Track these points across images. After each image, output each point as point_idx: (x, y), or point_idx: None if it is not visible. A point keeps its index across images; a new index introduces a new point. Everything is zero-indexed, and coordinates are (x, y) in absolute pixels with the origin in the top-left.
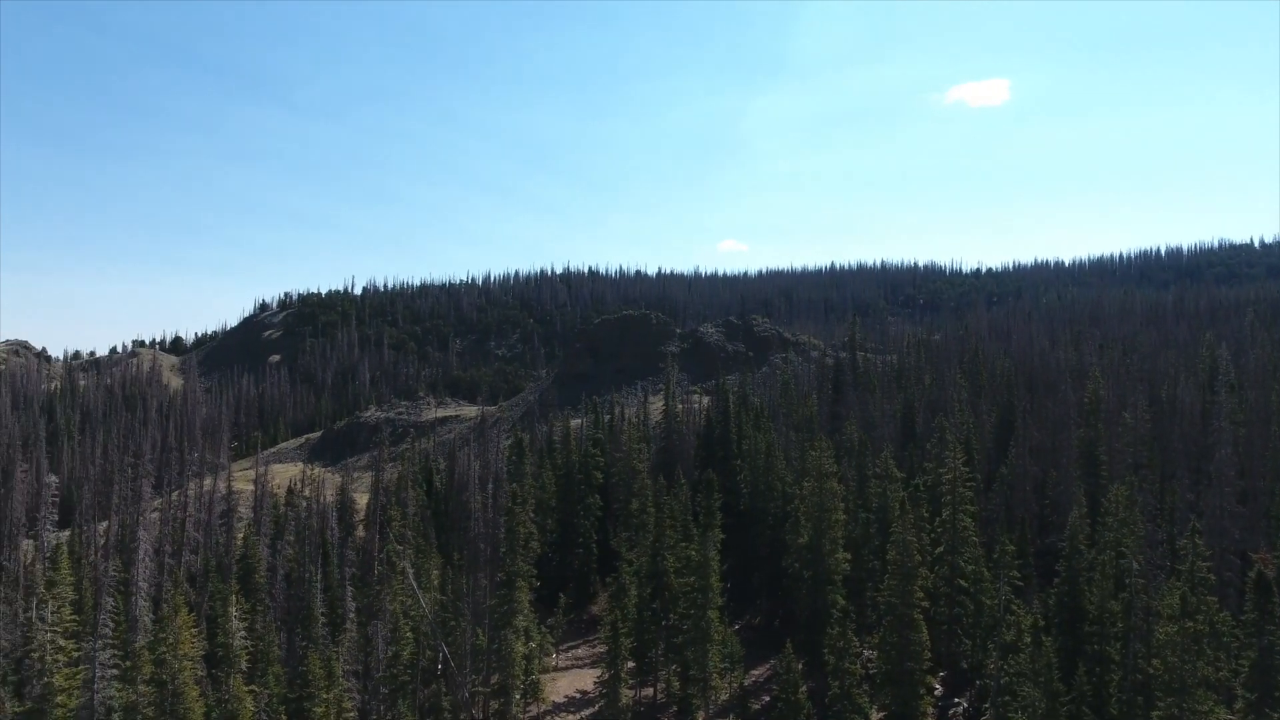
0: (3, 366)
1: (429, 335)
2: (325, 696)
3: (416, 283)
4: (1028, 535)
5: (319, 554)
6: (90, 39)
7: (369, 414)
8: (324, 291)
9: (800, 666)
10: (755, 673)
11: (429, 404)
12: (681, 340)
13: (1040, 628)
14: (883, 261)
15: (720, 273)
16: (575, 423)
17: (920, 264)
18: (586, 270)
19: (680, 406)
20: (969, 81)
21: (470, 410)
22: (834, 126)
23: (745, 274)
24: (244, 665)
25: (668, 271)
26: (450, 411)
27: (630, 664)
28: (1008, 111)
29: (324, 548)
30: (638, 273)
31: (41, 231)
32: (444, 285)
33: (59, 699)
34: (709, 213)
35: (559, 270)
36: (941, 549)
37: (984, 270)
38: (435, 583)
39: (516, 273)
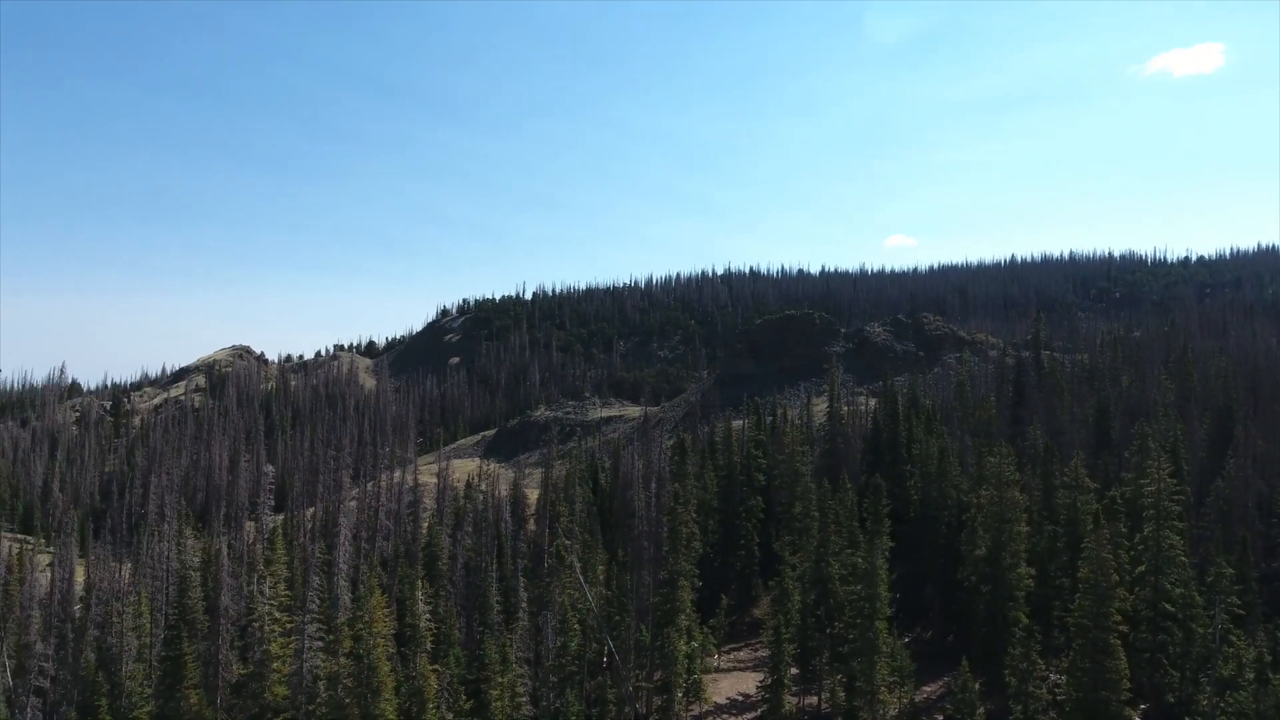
0: (229, 369)
1: (594, 337)
2: (500, 680)
3: (582, 287)
4: (1250, 558)
5: (494, 545)
6: (292, 70)
7: (539, 413)
8: (498, 297)
9: (977, 686)
10: (926, 689)
11: (594, 404)
12: (846, 340)
13: (1266, 663)
14: (1070, 253)
15: (887, 269)
16: (737, 424)
17: (1116, 254)
18: (747, 270)
19: (845, 408)
20: (1174, 49)
21: (634, 410)
22: (1010, 109)
23: (915, 270)
24: (428, 645)
25: (831, 269)
26: (614, 411)
27: (793, 670)
28: (1221, 80)
29: (498, 539)
30: (800, 271)
31: (258, 248)
32: (608, 289)
33: (275, 665)
34: (874, 207)
35: (719, 271)
36: (1143, 568)
37: (1194, 259)
38: (601, 578)
39: (678, 274)
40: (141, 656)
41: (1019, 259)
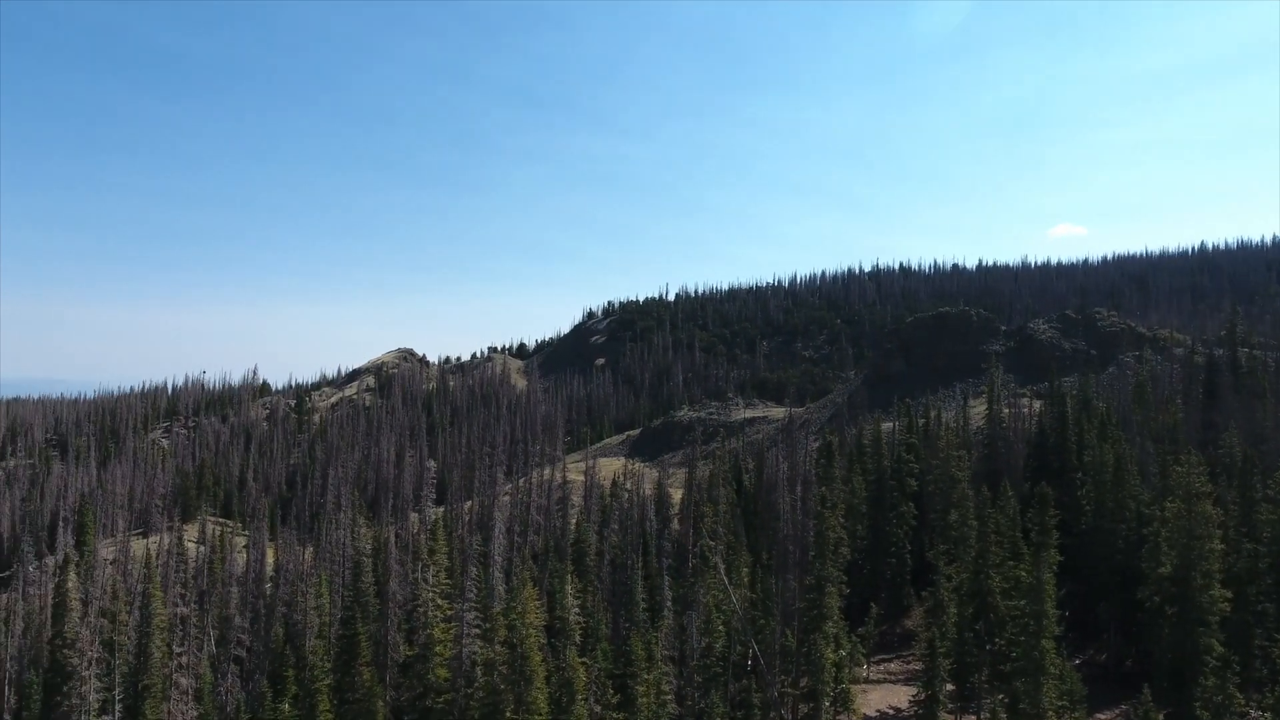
0: (395, 370)
1: (737, 338)
2: (646, 677)
3: (724, 287)
4: None
5: (639, 543)
6: (452, 91)
7: (682, 413)
8: (641, 299)
9: (1161, 718)
10: (1101, 716)
11: (737, 404)
12: (1007, 338)
13: None
14: (1273, 237)
15: (1053, 261)
16: (886, 426)
17: None
18: (897, 266)
19: (1006, 411)
20: None
21: (777, 411)
22: (1198, 80)
23: (1084, 261)
24: (577, 639)
25: (989, 263)
26: (758, 412)
27: (949, 686)
28: None
29: (643, 537)
30: (955, 266)
31: (422, 258)
32: (750, 288)
33: (437, 649)
34: (1037, 195)
35: (867, 268)
36: None
37: None
38: (745, 580)
39: (822, 273)
40: (322, 633)
41: (1210, 246)
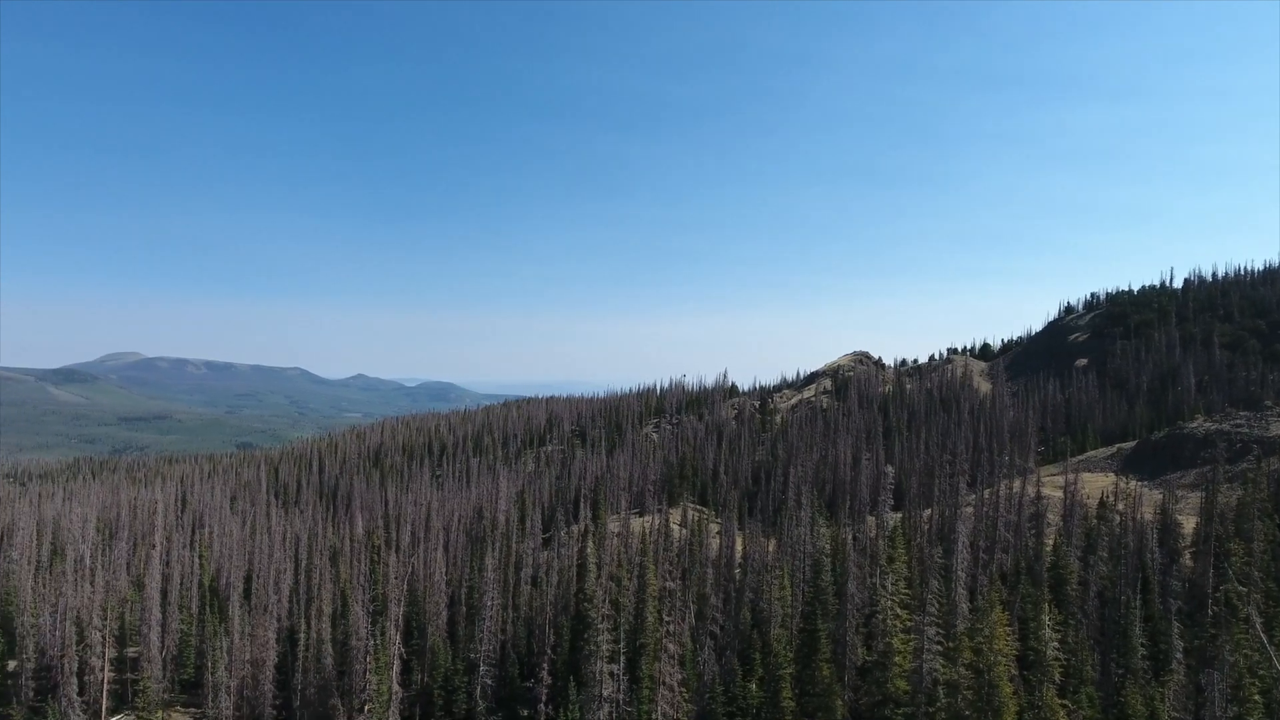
0: (851, 373)
1: (1277, 331)
2: None
3: (1258, 267)
4: None
5: (1137, 578)
6: (903, 86)
7: (1195, 425)
8: (1135, 289)
9: None
10: None
11: (1276, 415)
12: None
13: None
14: None
15: None
16: None
17: None
18: None
19: None
20: None
21: None
22: None
23: None
24: (1056, 677)
25: None
26: None
27: None
28: None
29: (1143, 571)
30: None
31: (878, 262)
32: None
33: (896, 659)
34: None
35: None
36: None
37: None
38: None
39: None
40: (784, 624)
41: None
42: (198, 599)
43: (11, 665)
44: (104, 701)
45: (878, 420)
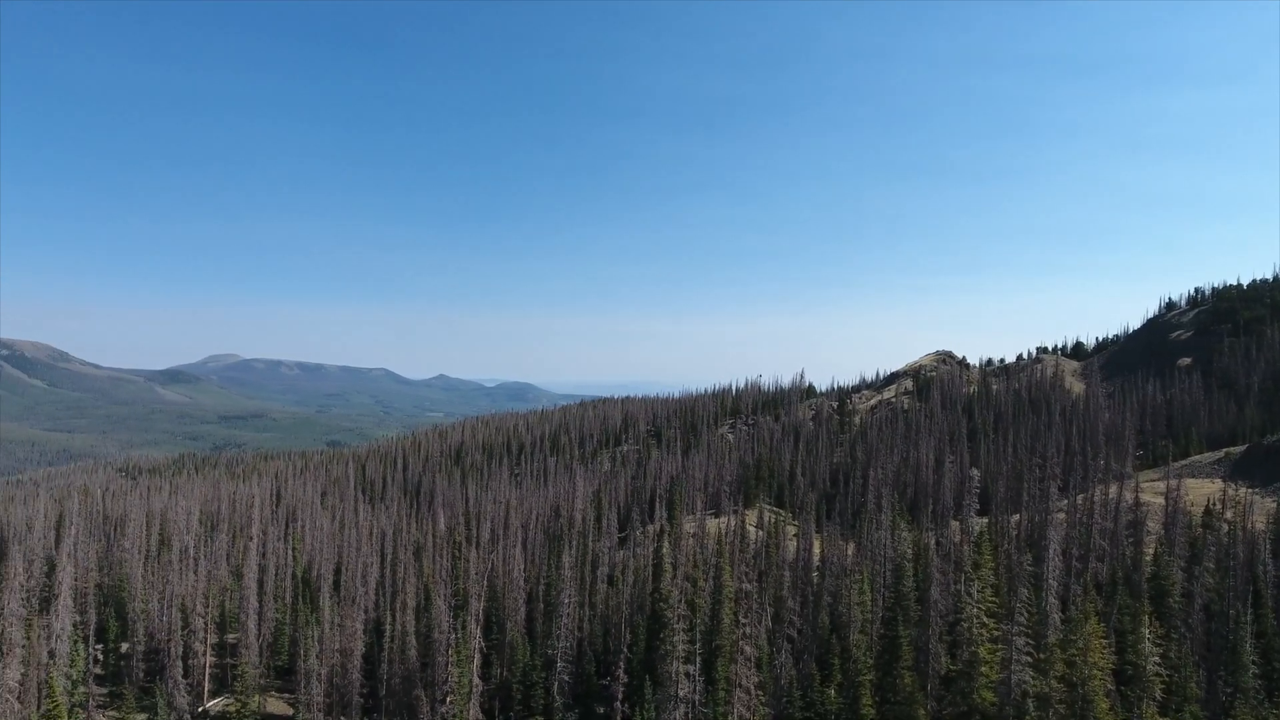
0: (934, 374)
1: None
2: None
3: None
4: None
5: (1247, 590)
6: (979, 78)
7: None
8: (1245, 283)
9: None
10: None
11: None
12: None
13: None
14: None
15: None
16: None
17: None
18: None
19: None
20: None
21: None
22: None
23: None
24: (1157, 694)
25: None
26: None
27: None
28: None
29: (1254, 584)
30: None
31: (958, 259)
32: None
33: (982, 669)
34: None
35: None
36: None
37: None
38: None
39: None
40: (864, 629)
41: None
42: (291, 589)
43: (124, 647)
44: (205, 684)
45: (961, 422)
